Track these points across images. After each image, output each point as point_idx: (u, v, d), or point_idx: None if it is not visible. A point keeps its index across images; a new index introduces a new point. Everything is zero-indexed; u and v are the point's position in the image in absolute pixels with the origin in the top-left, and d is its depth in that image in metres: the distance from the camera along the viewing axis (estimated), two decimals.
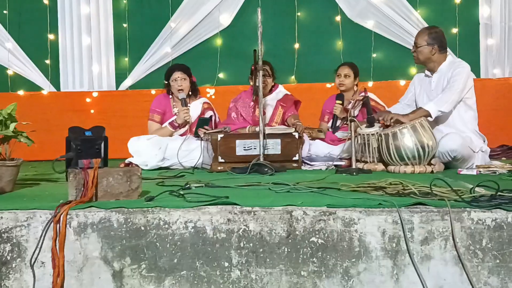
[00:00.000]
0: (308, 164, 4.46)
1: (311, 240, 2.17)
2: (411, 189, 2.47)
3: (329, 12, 6.49)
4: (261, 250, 2.18)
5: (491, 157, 4.54)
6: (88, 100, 6.56)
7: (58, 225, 2.19)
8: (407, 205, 2.20)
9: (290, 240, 2.18)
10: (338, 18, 6.45)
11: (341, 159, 4.45)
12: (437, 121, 4.17)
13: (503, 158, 5.12)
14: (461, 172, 3.71)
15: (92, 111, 6.53)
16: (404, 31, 6.31)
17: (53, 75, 6.69)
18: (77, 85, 6.67)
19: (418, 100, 4.39)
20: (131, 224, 2.21)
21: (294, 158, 4.30)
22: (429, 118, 4.00)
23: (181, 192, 2.58)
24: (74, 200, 2.31)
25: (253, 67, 4.41)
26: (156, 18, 6.63)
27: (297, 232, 2.18)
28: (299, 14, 6.50)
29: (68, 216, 2.21)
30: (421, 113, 4.01)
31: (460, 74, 4.08)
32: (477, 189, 2.49)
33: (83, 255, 2.21)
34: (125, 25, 6.66)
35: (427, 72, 4.38)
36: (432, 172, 3.80)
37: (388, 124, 4.03)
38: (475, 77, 4.70)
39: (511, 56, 6.28)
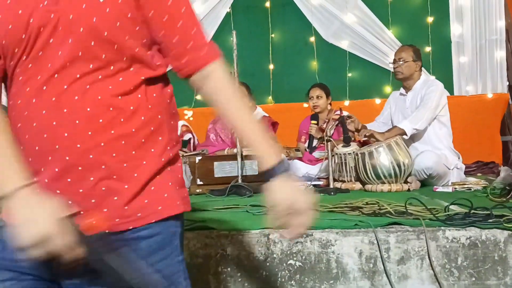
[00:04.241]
0: None
1: (288, 262, 2.17)
2: (387, 208, 2.49)
3: (304, 33, 6.55)
4: (239, 274, 2.17)
5: (467, 173, 4.60)
6: None
7: None
8: (383, 225, 2.22)
9: (267, 264, 2.17)
10: (312, 38, 6.52)
11: (319, 178, 4.46)
12: (413, 138, 4.23)
13: (479, 174, 5.18)
14: (437, 190, 3.75)
15: None
16: (378, 50, 6.40)
17: None
18: None
19: (393, 118, 4.46)
20: None
21: None
22: (404, 136, 4.05)
23: None
24: None
25: None
26: None
27: (274, 255, 2.17)
28: (273, 35, 6.55)
29: None
30: (396, 132, 4.06)
31: (434, 92, 4.15)
32: (451, 207, 2.52)
33: None
34: None
35: (402, 91, 4.45)
36: (408, 190, 3.83)
37: (363, 138, 4.07)
38: (448, 95, 4.77)
39: (483, 73, 6.39)
